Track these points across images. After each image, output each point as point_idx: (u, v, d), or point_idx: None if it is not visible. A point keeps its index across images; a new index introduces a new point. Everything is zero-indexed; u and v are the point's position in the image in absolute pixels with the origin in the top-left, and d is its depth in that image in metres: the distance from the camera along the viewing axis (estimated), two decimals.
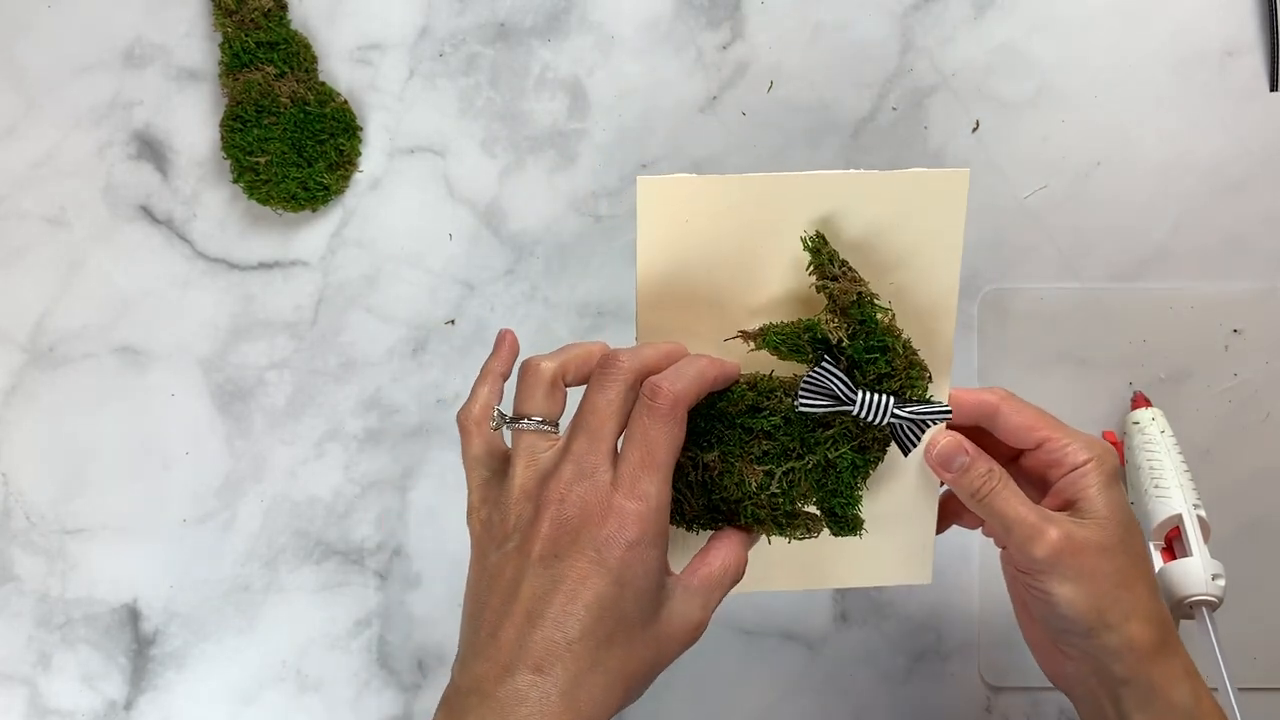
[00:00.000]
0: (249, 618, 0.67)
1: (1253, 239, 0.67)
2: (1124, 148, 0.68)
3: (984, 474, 0.49)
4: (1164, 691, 0.48)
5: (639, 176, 0.47)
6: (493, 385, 0.51)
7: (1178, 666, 0.48)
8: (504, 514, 0.46)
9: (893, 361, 0.48)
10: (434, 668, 0.67)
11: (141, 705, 0.67)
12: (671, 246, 0.49)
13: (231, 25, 0.67)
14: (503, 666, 0.41)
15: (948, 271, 0.49)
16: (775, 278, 0.49)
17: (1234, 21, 0.68)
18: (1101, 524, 0.48)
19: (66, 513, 0.68)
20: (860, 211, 0.48)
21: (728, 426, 0.49)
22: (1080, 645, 0.49)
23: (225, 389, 0.68)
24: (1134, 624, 0.48)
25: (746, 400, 0.49)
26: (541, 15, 0.69)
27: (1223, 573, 0.57)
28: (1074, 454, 0.50)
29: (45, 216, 0.69)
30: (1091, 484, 0.49)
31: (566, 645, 0.41)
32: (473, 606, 0.46)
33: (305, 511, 0.68)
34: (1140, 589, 0.48)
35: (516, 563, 0.44)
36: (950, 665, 0.67)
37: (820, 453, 0.50)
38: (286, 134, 0.66)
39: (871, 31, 0.69)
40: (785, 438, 0.49)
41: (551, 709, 0.40)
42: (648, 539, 0.43)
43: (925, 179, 0.48)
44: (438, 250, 0.68)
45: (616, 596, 0.42)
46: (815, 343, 0.48)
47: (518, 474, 0.46)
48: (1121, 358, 0.67)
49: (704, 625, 0.46)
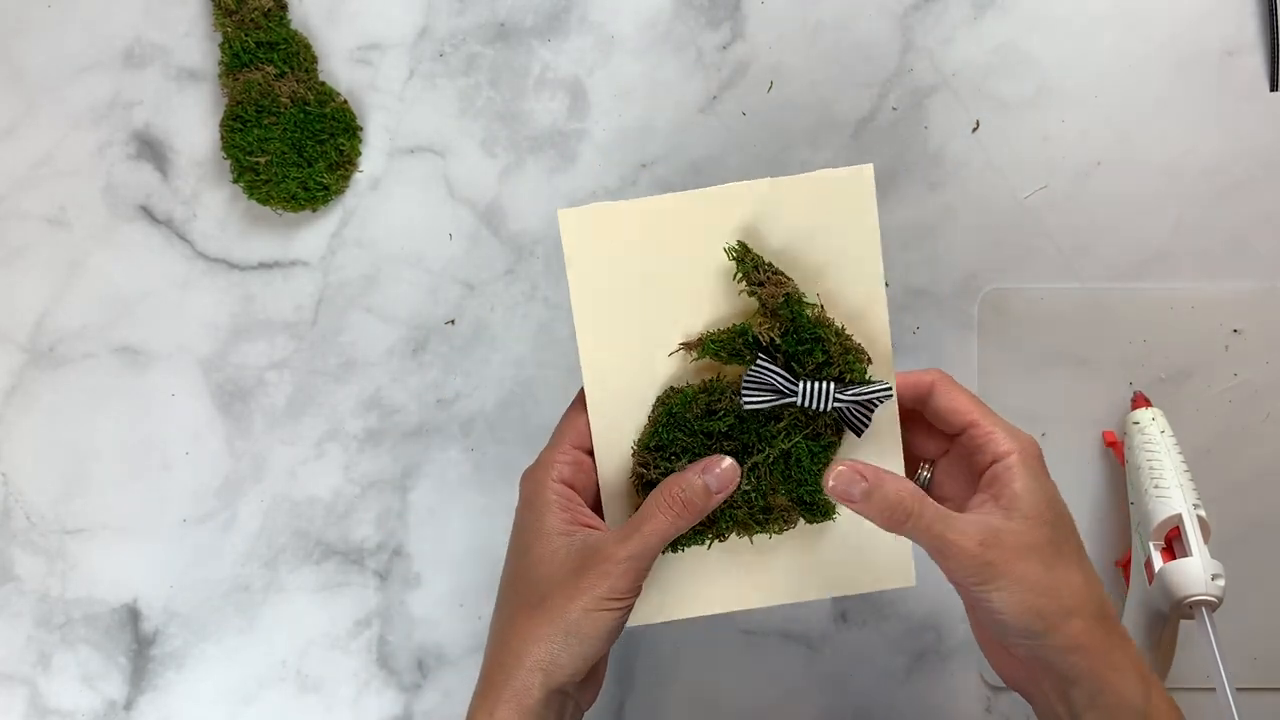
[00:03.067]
0: (249, 618, 0.67)
1: (1253, 239, 0.67)
2: (1124, 148, 0.68)
3: (894, 498, 0.47)
4: (1113, 687, 0.47)
5: (560, 210, 0.49)
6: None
7: (1125, 661, 0.48)
8: None
9: (828, 350, 0.50)
10: (434, 668, 0.67)
11: (141, 705, 0.67)
12: (603, 276, 0.51)
13: (231, 25, 0.67)
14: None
15: (871, 265, 0.51)
16: (708, 292, 0.51)
17: (1234, 21, 0.68)
18: (1026, 520, 0.48)
19: (66, 513, 0.68)
20: (778, 217, 0.50)
21: (688, 434, 0.52)
22: (1026, 647, 0.48)
23: (225, 389, 0.68)
24: (1074, 622, 0.47)
25: (700, 404, 0.51)
26: (541, 15, 0.69)
27: (1222, 573, 0.57)
28: (997, 443, 0.50)
29: (45, 216, 0.69)
30: (1015, 477, 0.48)
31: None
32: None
33: (305, 511, 0.68)
34: (1075, 583, 0.48)
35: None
36: (950, 665, 0.67)
37: (777, 445, 0.52)
38: (286, 134, 0.66)
39: (871, 31, 0.68)
40: (743, 435, 0.52)
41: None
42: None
43: (830, 180, 0.50)
44: (438, 250, 0.68)
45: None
46: (750, 345, 0.51)
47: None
48: (1121, 358, 0.67)
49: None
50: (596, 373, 0.52)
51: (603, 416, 0.52)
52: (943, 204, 0.68)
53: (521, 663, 0.48)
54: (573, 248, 0.50)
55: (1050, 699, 0.49)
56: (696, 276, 0.51)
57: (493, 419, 0.68)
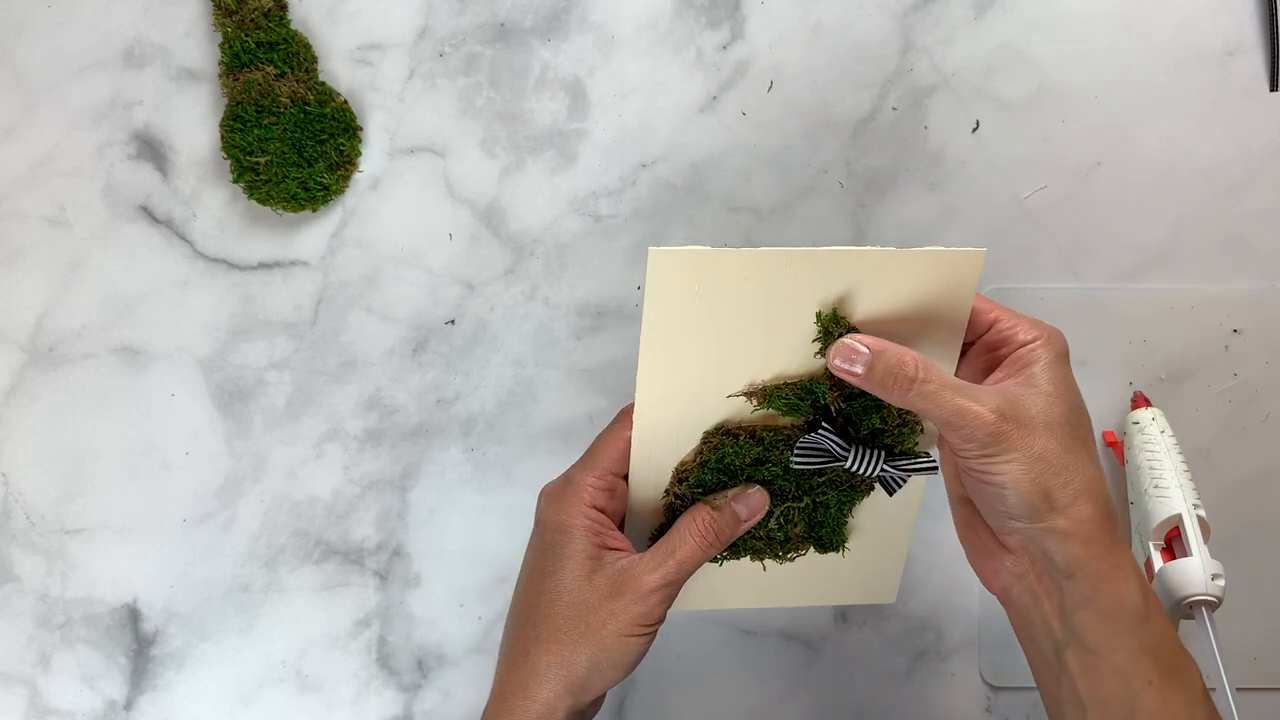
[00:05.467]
0: (249, 618, 0.67)
1: (1253, 239, 0.67)
2: (1124, 148, 0.68)
3: (895, 363, 0.46)
4: (1111, 585, 0.45)
5: (651, 248, 0.46)
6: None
7: (1126, 560, 0.46)
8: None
9: (886, 419, 0.50)
10: (434, 668, 0.67)
11: (141, 705, 0.67)
12: (680, 315, 0.48)
13: (231, 25, 0.67)
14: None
15: (951, 345, 0.50)
16: (784, 347, 0.50)
17: (1234, 21, 0.68)
18: (1046, 398, 0.46)
19: (66, 513, 0.68)
20: (876, 286, 0.48)
21: (732, 478, 0.52)
22: (1024, 533, 0.46)
23: (225, 389, 0.68)
24: (1083, 507, 0.45)
25: (752, 454, 0.51)
26: (541, 15, 0.69)
27: (1222, 573, 0.57)
28: (1024, 331, 0.49)
29: (45, 216, 0.69)
30: (1039, 358, 0.48)
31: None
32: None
33: (305, 511, 0.68)
34: (1088, 469, 0.46)
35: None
36: (950, 665, 0.67)
37: (813, 496, 0.53)
38: (286, 134, 0.66)
39: (871, 31, 0.68)
40: (784, 483, 0.53)
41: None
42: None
43: (941, 258, 0.48)
44: (438, 250, 0.68)
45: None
46: (815, 408, 0.50)
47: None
48: (1121, 358, 0.67)
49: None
50: (650, 404, 0.50)
51: (646, 445, 0.51)
52: (943, 204, 0.68)
53: (547, 684, 0.48)
54: (656, 285, 0.47)
55: (1037, 596, 0.47)
56: (778, 331, 0.49)
57: (493, 419, 0.68)
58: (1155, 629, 0.45)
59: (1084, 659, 0.46)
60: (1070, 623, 0.46)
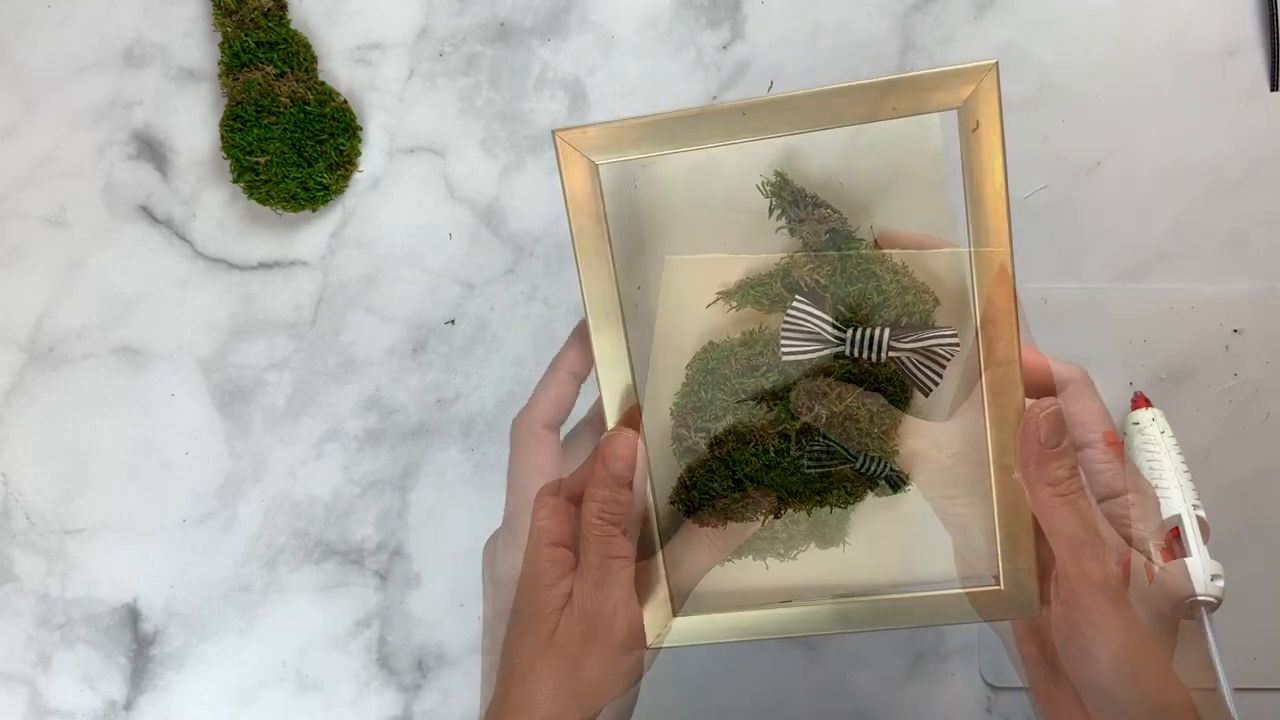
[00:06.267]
0: (249, 618, 0.67)
1: (1253, 239, 0.67)
2: (1124, 148, 0.68)
3: (1072, 465, 0.41)
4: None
5: (667, 256, 0.45)
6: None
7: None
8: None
9: (883, 289, 0.43)
10: (434, 668, 0.67)
11: (141, 705, 0.67)
12: (690, 324, 0.46)
13: (231, 25, 0.67)
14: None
15: (937, 201, 0.44)
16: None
17: (1234, 21, 0.68)
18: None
19: (66, 513, 0.68)
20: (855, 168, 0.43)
21: (728, 393, 0.46)
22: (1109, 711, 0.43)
23: (225, 389, 0.68)
24: (1172, 690, 0.42)
25: (740, 358, 0.46)
26: (541, 15, 0.69)
27: (1222, 573, 0.57)
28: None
29: (45, 216, 0.69)
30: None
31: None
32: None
33: (305, 511, 0.68)
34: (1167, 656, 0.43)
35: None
36: (950, 665, 0.67)
37: (829, 405, 0.45)
38: (286, 134, 0.66)
39: (871, 31, 0.68)
40: (792, 481, 0.47)
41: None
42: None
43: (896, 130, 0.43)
44: (438, 250, 0.68)
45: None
46: (792, 288, 0.44)
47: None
48: (1121, 358, 0.67)
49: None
50: (657, 404, 0.48)
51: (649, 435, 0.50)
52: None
53: (557, 696, 0.48)
54: (668, 294, 0.45)
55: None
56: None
57: (493, 419, 0.68)
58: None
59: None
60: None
